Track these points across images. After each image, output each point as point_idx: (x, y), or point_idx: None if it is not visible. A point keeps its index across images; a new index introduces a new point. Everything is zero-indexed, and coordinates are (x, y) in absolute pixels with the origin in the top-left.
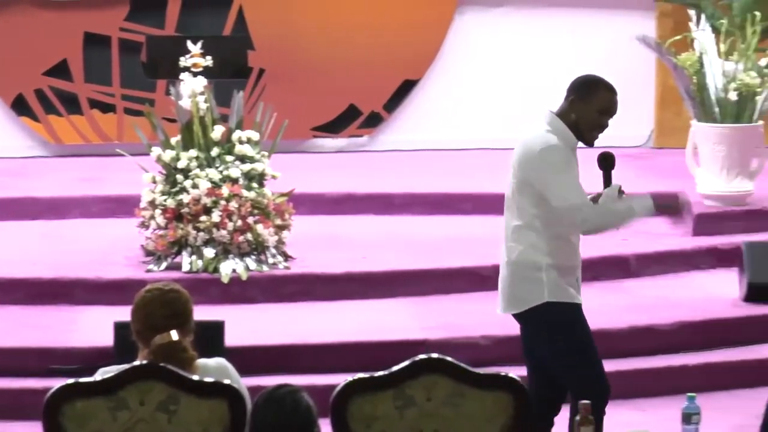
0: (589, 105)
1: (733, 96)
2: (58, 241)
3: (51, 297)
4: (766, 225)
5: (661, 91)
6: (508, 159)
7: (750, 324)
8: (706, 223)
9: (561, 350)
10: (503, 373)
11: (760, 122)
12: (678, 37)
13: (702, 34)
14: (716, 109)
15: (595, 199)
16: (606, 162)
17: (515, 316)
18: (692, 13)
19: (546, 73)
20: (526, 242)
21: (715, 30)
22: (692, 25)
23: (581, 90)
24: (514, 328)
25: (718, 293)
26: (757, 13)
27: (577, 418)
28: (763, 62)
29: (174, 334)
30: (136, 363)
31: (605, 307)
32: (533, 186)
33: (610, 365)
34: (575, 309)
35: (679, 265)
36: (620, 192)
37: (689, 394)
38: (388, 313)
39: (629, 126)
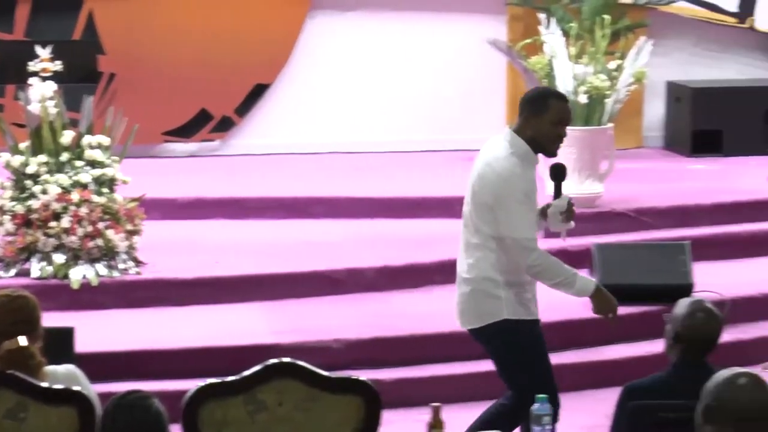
0: (542, 119)
1: (583, 99)
2: None
3: None
4: (616, 226)
5: (512, 95)
6: (358, 162)
7: (599, 325)
8: None
9: (515, 366)
10: (355, 377)
11: (610, 125)
12: (528, 41)
13: (552, 38)
14: None
15: (545, 209)
16: (557, 173)
17: (472, 331)
18: (542, 16)
19: (398, 77)
20: (484, 259)
21: (565, 33)
22: (542, 28)
23: (533, 105)
24: (365, 333)
25: (568, 295)
26: (606, 17)
27: (429, 420)
28: (612, 65)
29: (22, 340)
30: None
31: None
32: (491, 210)
33: (459, 367)
34: (532, 325)
35: None
36: (570, 204)
37: (540, 395)
38: (240, 318)
39: (480, 129)
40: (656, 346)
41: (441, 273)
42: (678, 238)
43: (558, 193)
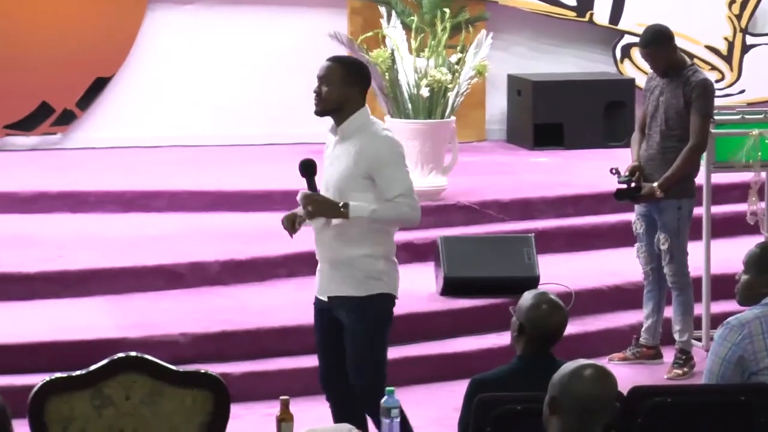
0: None
1: (425, 92)
2: None
3: None
4: (460, 219)
5: None
6: (199, 155)
7: (446, 317)
8: None
9: None
10: (203, 371)
11: (452, 118)
12: (369, 34)
13: (393, 31)
14: (409, 105)
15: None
16: (307, 169)
17: None
18: (383, 9)
19: (238, 70)
20: None
21: (406, 27)
22: (383, 21)
23: None
24: (212, 327)
25: (414, 288)
26: (447, 10)
27: (278, 413)
28: (453, 59)
29: None
30: None
31: (303, 303)
32: None
33: (307, 361)
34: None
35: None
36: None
37: (387, 388)
38: (84, 313)
39: (322, 123)
40: (503, 339)
41: (285, 266)
42: (522, 231)
43: (312, 187)
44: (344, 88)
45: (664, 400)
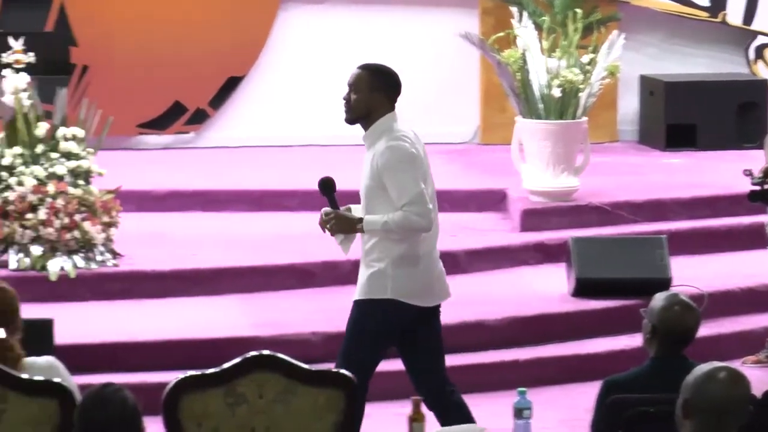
0: None
1: (556, 92)
2: None
3: None
4: (592, 220)
5: (485, 88)
6: (331, 155)
7: (578, 318)
8: (532, 219)
9: None
10: (335, 370)
11: (584, 118)
12: (501, 34)
13: (524, 31)
14: (540, 106)
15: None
16: (325, 187)
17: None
18: (514, 10)
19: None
20: None
21: (538, 27)
22: (515, 22)
23: None
24: (342, 325)
25: (546, 288)
26: (578, 11)
27: (409, 413)
28: (585, 59)
29: (0, 333)
30: None
31: None
32: None
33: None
34: None
35: (506, 260)
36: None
37: (520, 388)
38: (216, 311)
39: (455, 122)
40: (634, 340)
41: None
42: (654, 232)
43: (334, 205)
44: (371, 94)
45: None
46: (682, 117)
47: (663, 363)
